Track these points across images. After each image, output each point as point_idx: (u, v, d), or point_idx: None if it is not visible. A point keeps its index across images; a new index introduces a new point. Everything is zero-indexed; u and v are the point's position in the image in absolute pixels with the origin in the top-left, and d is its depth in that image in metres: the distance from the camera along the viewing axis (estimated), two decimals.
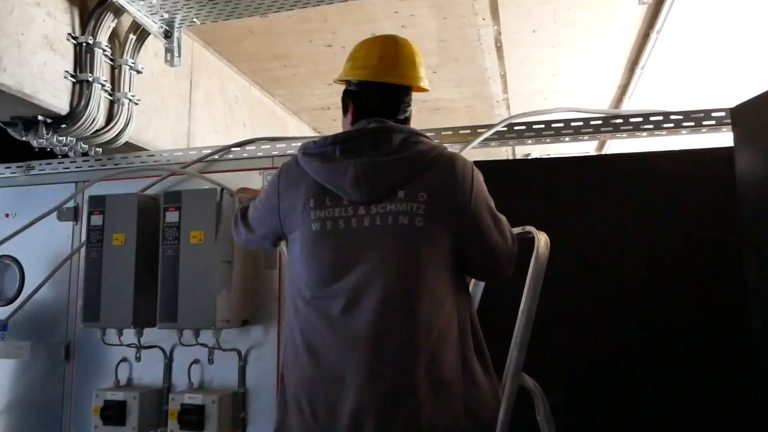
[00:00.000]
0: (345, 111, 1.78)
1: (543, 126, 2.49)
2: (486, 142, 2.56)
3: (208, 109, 4.17)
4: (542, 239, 1.81)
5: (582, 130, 2.45)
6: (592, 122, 2.45)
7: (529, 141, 2.55)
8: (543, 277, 1.76)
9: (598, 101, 5.45)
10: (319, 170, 1.59)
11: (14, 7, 2.48)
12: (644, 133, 2.43)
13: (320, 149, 1.62)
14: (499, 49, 4.26)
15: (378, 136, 1.60)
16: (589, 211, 2.40)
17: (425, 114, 5.67)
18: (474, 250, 1.65)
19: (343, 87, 1.82)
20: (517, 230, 1.96)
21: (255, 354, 2.63)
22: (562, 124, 2.47)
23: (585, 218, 2.39)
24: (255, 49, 4.27)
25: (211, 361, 2.63)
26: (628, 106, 5.30)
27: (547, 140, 2.52)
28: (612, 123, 2.43)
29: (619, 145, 5.31)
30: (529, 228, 1.87)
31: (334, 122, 5.99)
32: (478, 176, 1.64)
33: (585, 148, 6.32)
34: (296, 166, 1.67)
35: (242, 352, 2.62)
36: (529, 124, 2.51)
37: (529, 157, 6.14)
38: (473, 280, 2.10)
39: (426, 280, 1.53)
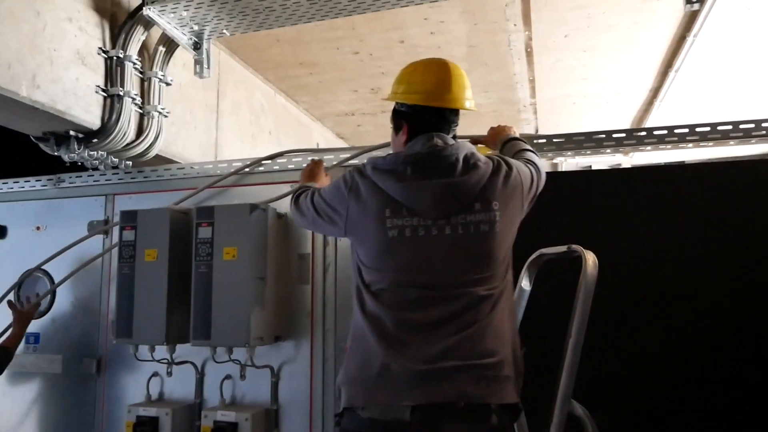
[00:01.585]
0: (397, 130, 1.91)
1: (584, 137, 2.41)
2: None
3: (234, 118, 4.15)
4: (590, 259, 1.74)
5: (624, 142, 2.37)
6: (635, 133, 2.37)
7: (569, 153, 2.48)
8: (592, 299, 1.71)
9: (628, 105, 5.35)
10: (394, 188, 1.75)
11: (47, 23, 2.47)
12: (690, 144, 2.35)
13: (391, 166, 1.77)
14: (529, 54, 4.19)
15: (446, 159, 1.75)
16: (632, 225, 2.32)
17: None
18: None
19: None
20: (561, 249, 1.90)
21: (287, 370, 2.58)
22: (603, 136, 2.39)
23: (628, 233, 2.31)
24: (281, 57, 4.25)
25: (243, 377, 2.59)
26: (660, 109, 5.21)
27: (588, 152, 2.44)
28: (656, 135, 2.35)
29: (644, 156, 5.20)
30: (575, 247, 1.81)
31: (358, 128, 5.97)
32: (525, 172, 1.85)
33: (607, 159, 6.20)
34: (365, 179, 1.81)
35: (275, 368, 2.58)
36: (569, 136, 2.43)
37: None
38: (517, 291, 2.04)
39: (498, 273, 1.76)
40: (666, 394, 2.19)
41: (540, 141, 2.48)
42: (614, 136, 2.38)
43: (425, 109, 1.84)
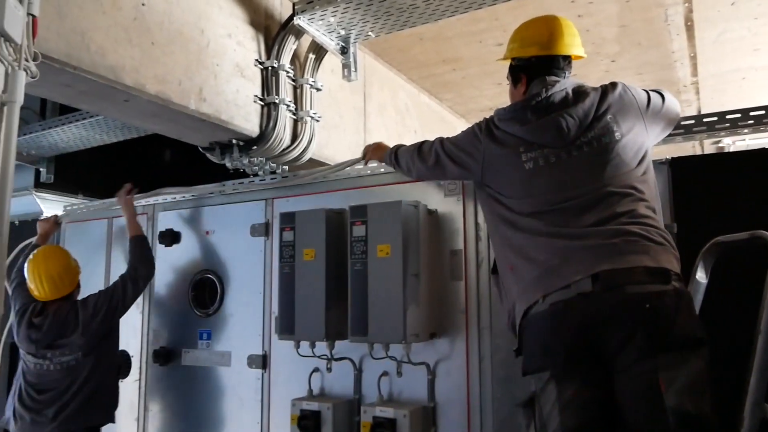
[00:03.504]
0: (516, 83, 2.11)
1: (764, 111, 2.15)
2: (670, 138, 2.24)
3: (381, 119, 4.23)
4: None
5: None
6: None
7: (745, 131, 2.23)
8: None
9: None
10: (520, 131, 1.96)
11: (210, 40, 2.66)
12: None
13: (512, 114, 2.00)
14: (689, 28, 3.85)
15: (558, 95, 1.95)
16: None
17: None
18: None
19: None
20: (743, 236, 1.72)
21: (443, 367, 2.56)
22: (763, 112, 2.12)
23: None
24: (424, 55, 4.26)
25: (399, 373, 2.60)
26: None
27: (745, 131, 2.18)
28: None
29: None
30: (761, 232, 1.63)
31: None
32: (640, 91, 2.01)
33: None
34: (496, 127, 2.04)
35: (431, 365, 2.57)
36: (745, 111, 2.18)
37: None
38: (692, 284, 1.86)
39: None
40: None
41: (710, 119, 2.25)
42: None
43: (540, 59, 2.03)
